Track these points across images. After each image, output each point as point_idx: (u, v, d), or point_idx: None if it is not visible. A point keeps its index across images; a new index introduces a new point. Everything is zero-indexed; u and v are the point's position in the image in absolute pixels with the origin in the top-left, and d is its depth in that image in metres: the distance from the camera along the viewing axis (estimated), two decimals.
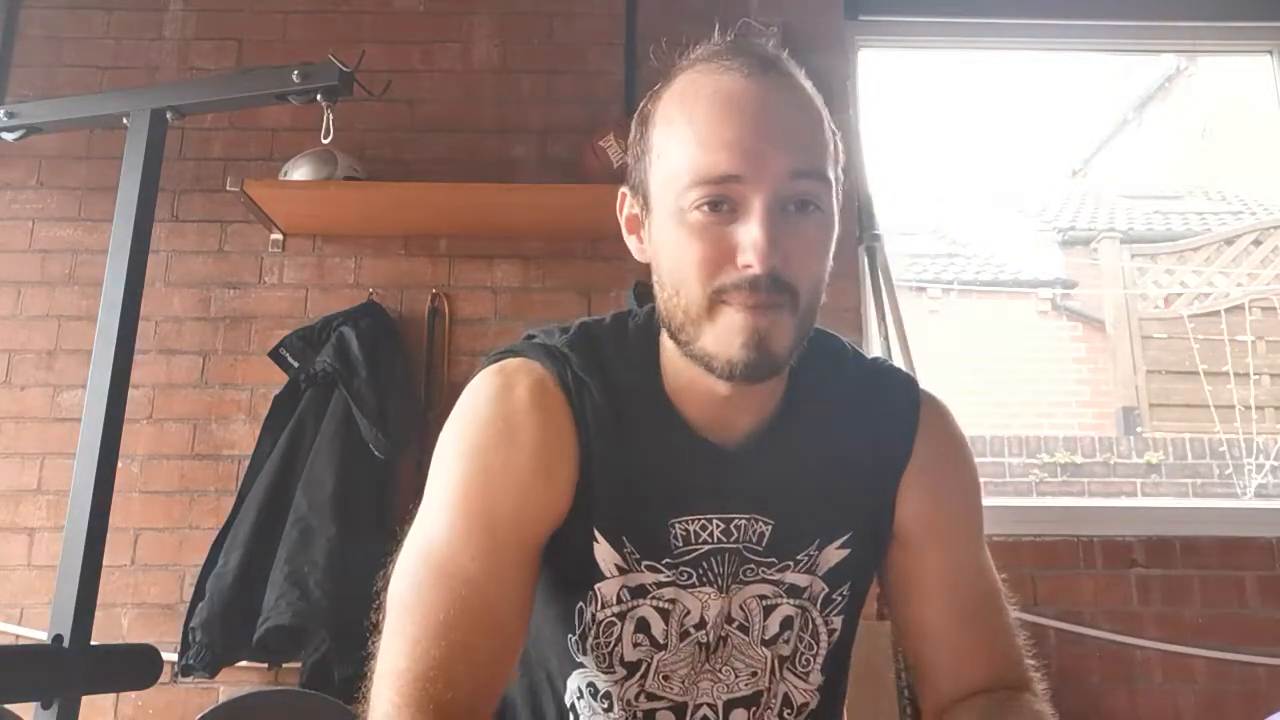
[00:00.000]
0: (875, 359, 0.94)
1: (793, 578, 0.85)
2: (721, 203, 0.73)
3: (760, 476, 0.83)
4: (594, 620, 0.83)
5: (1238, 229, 5.90)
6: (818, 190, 0.75)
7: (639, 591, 0.83)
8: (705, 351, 0.76)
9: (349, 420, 2.02)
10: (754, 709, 0.86)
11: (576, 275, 2.28)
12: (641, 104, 0.83)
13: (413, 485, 2.10)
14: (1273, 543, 2.14)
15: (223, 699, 1.99)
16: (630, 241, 0.86)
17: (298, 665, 1.94)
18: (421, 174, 2.30)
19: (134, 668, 1.53)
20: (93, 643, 1.46)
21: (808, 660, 0.87)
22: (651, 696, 0.84)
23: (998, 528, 2.14)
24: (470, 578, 0.75)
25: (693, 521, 0.82)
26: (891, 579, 0.91)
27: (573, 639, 0.85)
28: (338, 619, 1.85)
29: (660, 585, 0.83)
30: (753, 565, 0.84)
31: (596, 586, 0.82)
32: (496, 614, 0.76)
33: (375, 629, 0.78)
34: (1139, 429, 5.15)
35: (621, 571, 0.82)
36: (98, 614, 1.47)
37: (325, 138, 1.75)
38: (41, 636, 1.53)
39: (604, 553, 0.82)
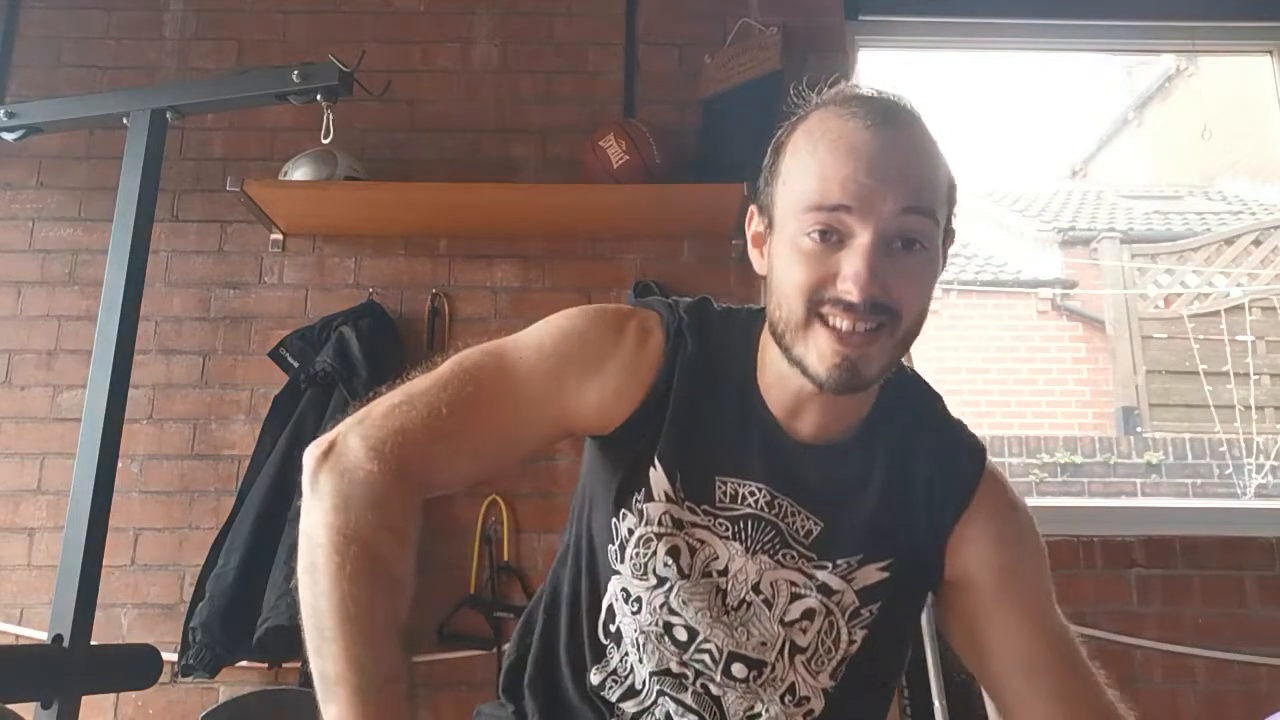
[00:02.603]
0: (956, 419, 1.01)
1: (826, 577, 0.92)
2: (831, 233, 0.82)
3: (820, 476, 0.93)
4: (631, 533, 0.93)
5: (1238, 229, 5.90)
6: (924, 228, 0.83)
7: (678, 524, 0.92)
8: (801, 360, 0.85)
9: None
10: (756, 673, 0.92)
11: (576, 275, 2.28)
12: (778, 133, 0.91)
13: None
14: (1273, 543, 2.14)
15: (223, 699, 1.99)
16: (752, 254, 0.95)
17: (298, 665, 1.94)
18: (421, 174, 2.30)
19: (134, 668, 1.53)
20: (93, 643, 1.46)
21: (821, 660, 0.92)
22: (672, 611, 0.93)
23: None
24: (502, 395, 0.90)
25: (741, 485, 0.92)
26: (961, 631, 0.96)
27: (612, 549, 0.95)
28: None
29: (696, 526, 0.92)
30: (793, 553, 0.92)
31: (643, 505, 0.92)
32: (497, 439, 0.92)
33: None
34: (1139, 429, 5.15)
35: (669, 500, 0.92)
36: (98, 614, 1.47)
37: (325, 138, 1.76)
38: (41, 636, 1.53)
39: (659, 479, 0.92)
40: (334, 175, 2.12)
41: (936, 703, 1.62)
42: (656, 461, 0.92)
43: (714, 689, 0.93)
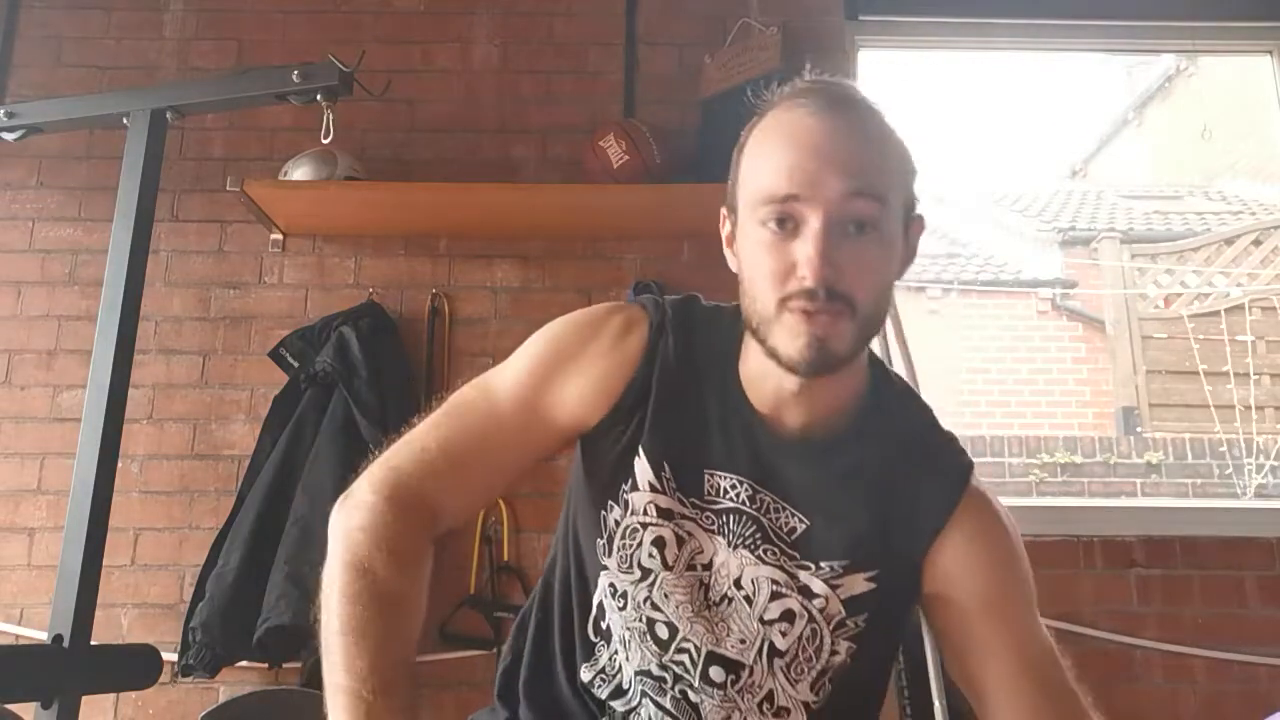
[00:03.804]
0: (947, 434, 1.00)
1: (808, 579, 0.91)
2: (785, 220, 0.84)
3: (804, 473, 0.93)
4: (618, 525, 0.95)
5: (1238, 229, 5.90)
6: (873, 211, 0.84)
7: (665, 514, 0.93)
8: (775, 348, 0.86)
9: (349, 420, 2.02)
10: (734, 676, 0.92)
11: (576, 275, 2.28)
12: (741, 135, 0.93)
13: None
14: (1273, 543, 2.13)
15: (223, 699, 1.99)
16: (727, 254, 0.95)
17: (298, 665, 1.94)
18: (421, 174, 2.30)
19: (134, 668, 1.53)
20: (93, 643, 1.46)
21: (801, 668, 0.92)
22: (655, 607, 0.94)
23: None
24: (491, 419, 0.96)
25: (725, 478, 0.93)
26: (944, 644, 0.95)
27: (600, 543, 0.96)
28: None
29: (684, 518, 0.93)
30: (775, 549, 0.92)
31: (628, 495, 0.94)
32: (490, 457, 0.96)
33: None
34: (1139, 429, 5.14)
35: (654, 490, 0.93)
36: (98, 614, 1.47)
37: (325, 138, 1.75)
38: (41, 636, 1.53)
39: (643, 469, 0.94)
40: (334, 175, 2.12)
41: (936, 703, 1.61)
42: (641, 452, 0.94)
43: (692, 695, 0.93)
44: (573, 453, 1.03)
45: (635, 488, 0.94)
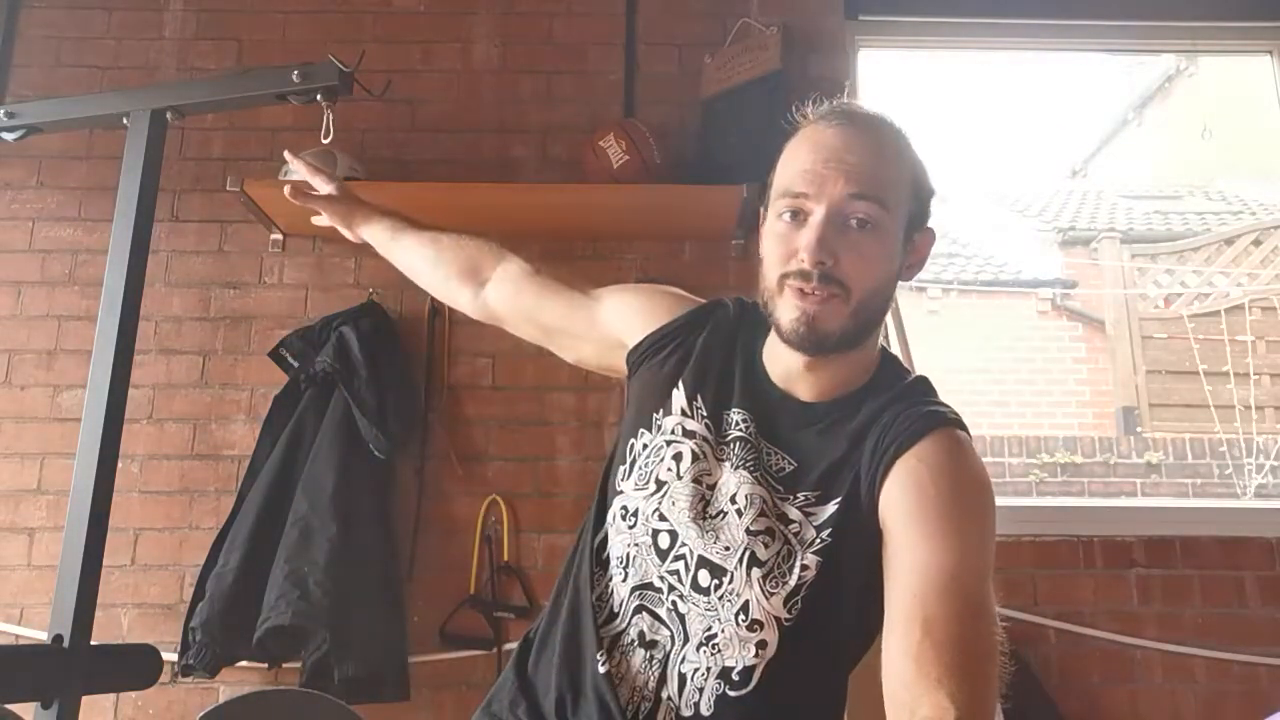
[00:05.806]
0: (943, 403, 1.05)
1: (786, 507, 1.02)
2: (797, 213, 0.99)
3: (801, 431, 1.05)
4: (645, 448, 1.09)
5: (1238, 229, 5.90)
6: (873, 212, 0.97)
7: (689, 434, 1.07)
8: (777, 322, 1.01)
9: (349, 420, 2.02)
10: (717, 581, 1.00)
11: (576, 275, 2.27)
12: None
13: (413, 485, 2.11)
14: (1273, 543, 2.14)
15: (223, 699, 1.99)
16: (760, 249, 1.08)
17: (298, 665, 1.94)
18: (421, 174, 2.30)
19: (134, 668, 1.53)
20: (93, 643, 1.46)
21: (776, 580, 0.98)
22: (662, 517, 1.04)
23: (998, 527, 2.14)
24: (571, 285, 1.34)
25: (739, 413, 1.07)
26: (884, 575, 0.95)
27: (622, 469, 1.10)
28: (338, 619, 1.86)
29: (704, 440, 1.07)
30: (767, 477, 1.03)
31: (661, 420, 1.09)
32: (549, 295, 1.36)
33: None
34: (1139, 429, 5.15)
35: (684, 415, 1.09)
36: (98, 614, 1.47)
37: (325, 138, 1.75)
38: (41, 636, 1.53)
39: (678, 397, 1.10)
40: (334, 175, 2.12)
41: None
42: (681, 384, 1.10)
43: (681, 605, 1.00)
44: (575, 454, 1.12)
45: (669, 413, 1.09)
